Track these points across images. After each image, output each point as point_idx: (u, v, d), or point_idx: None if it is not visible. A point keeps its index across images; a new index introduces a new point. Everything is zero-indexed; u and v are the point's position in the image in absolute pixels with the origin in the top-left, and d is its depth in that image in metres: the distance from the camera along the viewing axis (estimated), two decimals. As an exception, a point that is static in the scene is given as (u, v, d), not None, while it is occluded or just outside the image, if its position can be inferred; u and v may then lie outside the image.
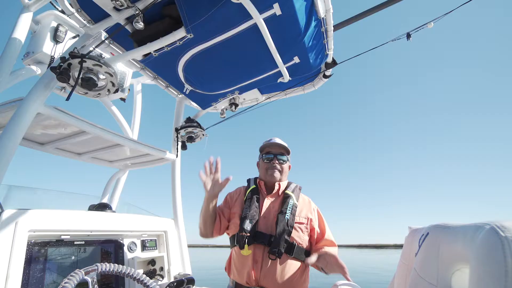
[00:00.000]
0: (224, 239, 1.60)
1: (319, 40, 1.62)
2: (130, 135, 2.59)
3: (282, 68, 1.66)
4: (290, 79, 1.80)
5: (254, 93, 2.14)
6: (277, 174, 1.52)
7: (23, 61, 2.09)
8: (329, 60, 1.83)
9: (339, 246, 1.48)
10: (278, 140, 1.58)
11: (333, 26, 1.58)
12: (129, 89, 2.65)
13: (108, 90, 1.43)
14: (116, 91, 1.44)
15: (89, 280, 0.99)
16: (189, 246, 2.14)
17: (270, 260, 1.31)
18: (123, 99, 2.68)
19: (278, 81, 1.81)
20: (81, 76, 1.27)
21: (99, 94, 1.42)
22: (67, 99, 1.22)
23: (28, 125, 1.26)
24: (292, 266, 1.32)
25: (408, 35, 1.69)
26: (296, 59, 1.65)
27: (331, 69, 1.95)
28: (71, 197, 1.99)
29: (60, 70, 1.23)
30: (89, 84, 1.30)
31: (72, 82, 1.27)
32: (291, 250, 1.34)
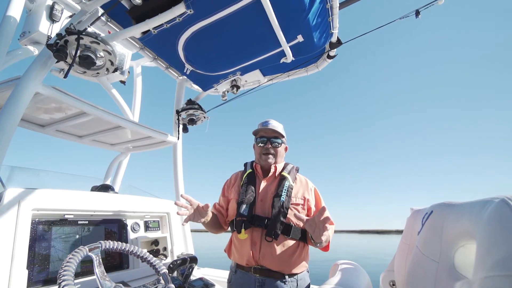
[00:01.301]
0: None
1: (324, 17, 1.56)
2: (131, 118, 2.57)
3: (285, 47, 1.61)
4: (293, 59, 1.75)
5: (256, 75, 2.09)
6: (271, 159, 1.51)
7: (19, 41, 2.03)
8: (333, 39, 1.78)
9: (341, 231, 1.48)
10: (272, 123, 1.54)
11: (339, 3, 1.52)
12: (128, 72, 2.60)
13: (107, 69, 1.40)
14: (115, 70, 1.41)
15: (93, 256, 1.00)
16: (192, 231, 2.17)
17: (268, 242, 1.32)
18: (123, 82, 2.64)
19: (281, 61, 1.76)
20: (78, 54, 1.24)
21: (97, 73, 1.39)
22: (65, 76, 1.19)
23: (26, 104, 1.24)
24: (290, 246, 1.33)
25: (417, 13, 1.63)
26: (300, 38, 1.59)
27: (335, 49, 1.90)
28: (73, 179, 2.00)
29: (57, 47, 1.20)
30: (87, 62, 1.27)
31: (69, 60, 1.24)
32: (288, 231, 1.34)
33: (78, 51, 1.22)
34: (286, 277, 1.30)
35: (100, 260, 1.01)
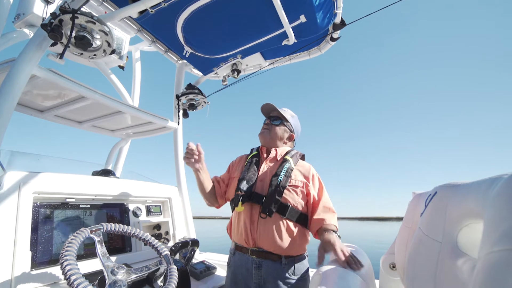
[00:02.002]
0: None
1: (328, -4, 1.50)
2: (130, 104, 2.54)
3: (288, 28, 1.56)
4: (296, 41, 1.70)
5: (257, 58, 2.05)
6: (265, 135, 1.56)
7: (14, 24, 1.98)
8: (337, 20, 1.72)
9: (342, 218, 1.48)
10: (275, 107, 1.59)
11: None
12: (127, 57, 2.56)
13: (104, 51, 1.36)
14: (112, 52, 1.37)
15: (95, 238, 1.00)
16: (195, 218, 2.18)
17: (265, 221, 1.32)
18: (121, 67, 2.59)
19: (283, 43, 1.71)
20: (74, 34, 1.20)
21: (94, 55, 1.36)
22: (61, 57, 1.16)
23: (22, 87, 1.21)
24: (286, 226, 1.33)
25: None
26: (303, 18, 1.54)
27: (339, 31, 1.84)
28: (74, 164, 2.00)
29: (51, 27, 1.16)
30: (83, 43, 1.23)
31: (65, 40, 1.20)
32: (284, 211, 1.33)
33: (74, 32, 1.19)
34: (283, 258, 1.30)
35: (102, 241, 1.02)
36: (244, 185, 1.38)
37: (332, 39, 1.85)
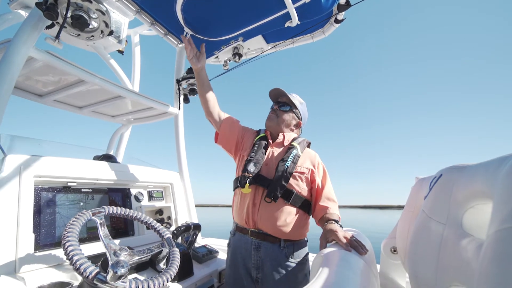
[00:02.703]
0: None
1: (333, -26, 1.44)
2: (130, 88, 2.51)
3: (291, 8, 1.50)
4: (299, 22, 1.64)
5: (259, 42, 1.99)
6: (270, 121, 1.54)
7: (9, 5, 1.93)
8: (342, 0, 1.65)
9: (344, 206, 1.48)
10: (284, 92, 1.56)
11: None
12: (126, 41, 2.50)
13: (102, 32, 1.33)
14: (111, 33, 1.34)
15: (97, 221, 1.01)
16: (197, 205, 2.19)
17: (268, 204, 1.32)
18: (121, 52, 2.54)
19: (286, 25, 1.65)
20: (70, 13, 1.17)
21: (92, 36, 1.32)
22: (57, 36, 1.13)
23: (19, 69, 1.19)
24: (289, 211, 1.33)
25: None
26: (306, -2, 1.48)
27: (343, 13, 1.77)
28: (76, 150, 2.00)
29: (47, 5, 1.12)
30: (80, 23, 1.20)
31: (60, 20, 1.16)
32: (289, 196, 1.34)
33: (70, 11, 1.15)
34: (282, 242, 1.31)
35: (104, 224, 1.02)
36: (251, 167, 1.37)
37: (337, 21, 1.79)
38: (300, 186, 1.38)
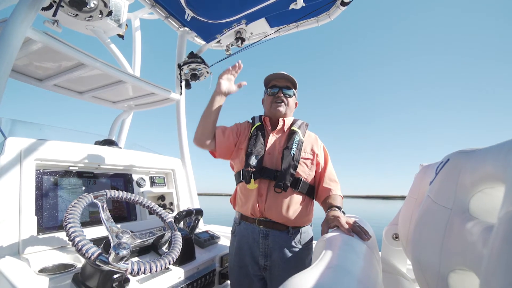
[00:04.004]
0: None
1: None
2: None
3: (296, -12, 1.45)
4: (304, 5, 1.59)
5: (262, 26, 1.94)
6: (282, 108, 1.45)
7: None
8: (349, -19, 1.59)
9: (347, 196, 1.47)
10: (284, 73, 1.46)
11: None
12: (126, 25, 2.44)
13: (101, 12, 1.29)
14: (109, 13, 1.30)
15: (99, 203, 1.00)
16: (199, 194, 2.19)
17: (274, 194, 1.32)
18: (121, 36, 2.49)
19: (290, 7, 1.60)
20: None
21: (90, 16, 1.29)
22: (54, 15, 1.10)
23: (16, 50, 1.16)
24: (296, 199, 1.33)
25: None
26: (312, -22, 1.43)
27: (350, -5, 1.71)
28: (77, 135, 1.99)
29: (43, -17, 1.08)
30: (77, 1, 1.16)
31: (58, -1, 1.13)
32: (297, 184, 1.34)
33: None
34: (290, 229, 1.32)
35: (106, 207, 1.02)
36: (253, 161, 1.34)
37: (343, 3, 1.73)
38: (306, 173, 1.37)
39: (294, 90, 1.48)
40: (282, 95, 1.45)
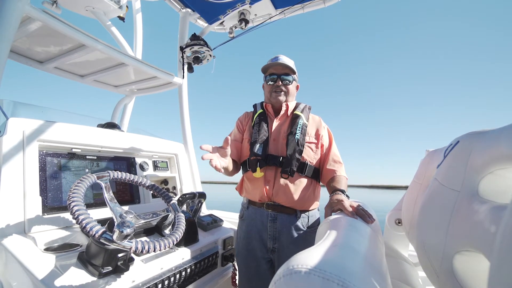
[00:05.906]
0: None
1: None
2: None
3: (302, -35, 1.38)
4: (310, -17, 1.53)
5: (267, 7, 1.87)
6: (282, 97, 1.43)
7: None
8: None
9: (351, 186, 1.46)
10: (282, 58, 1.43)
11: None
12: (127, 7, 2.38)
13: (100, -10, 1.24)
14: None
15: (102, 184, 1.00)
16: (202, 182, 2.19)
17: (282, 179, 1.32)
18: (121, 18, 2.43)
19: (296, -14, 1.54)
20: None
21: (90, -6, 1.24)
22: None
23: (15, 28, 1.13)
24: (303, 183, 1.34)
25: None
26: (320, -47, 1.36)
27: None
28: (80, 119, 1.98)
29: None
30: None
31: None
32: (303, 169, 1.34)
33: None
34: (298, 212, 1.33)
35: (110, 188, 1.01)
36: (258, 149, 1.34)
37: (351, -17, 1.66)
38: (311, 156, 1.38)
39: (293, 75, 1.45)
40: (281, 83, 1.42)
